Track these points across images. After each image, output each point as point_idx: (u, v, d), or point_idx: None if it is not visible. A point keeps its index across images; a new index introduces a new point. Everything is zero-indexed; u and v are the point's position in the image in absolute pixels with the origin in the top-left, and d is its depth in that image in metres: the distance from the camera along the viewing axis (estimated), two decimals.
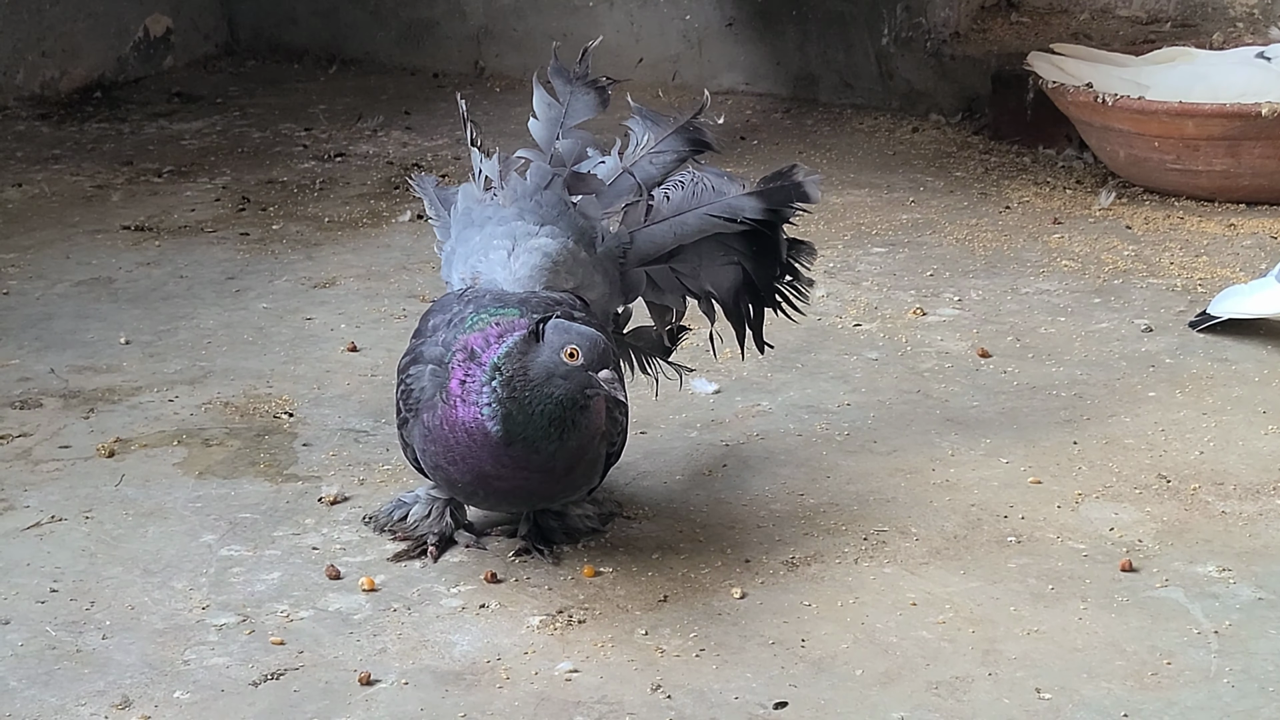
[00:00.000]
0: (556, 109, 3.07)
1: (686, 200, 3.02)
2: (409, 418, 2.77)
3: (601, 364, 2.61)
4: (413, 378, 2.76)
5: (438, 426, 2.69)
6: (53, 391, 3.55)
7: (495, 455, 2.66)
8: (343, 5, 6.30)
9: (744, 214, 3.00)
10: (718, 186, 3.03)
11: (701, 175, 3.06)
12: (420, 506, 2.90)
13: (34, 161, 5.19)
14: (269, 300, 4.04)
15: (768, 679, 2.51)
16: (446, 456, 2.70)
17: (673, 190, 3.04)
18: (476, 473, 2.69)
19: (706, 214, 3.01)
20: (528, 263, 2.91)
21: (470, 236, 3.01)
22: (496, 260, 2.93)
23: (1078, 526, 2.93)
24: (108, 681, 2.53)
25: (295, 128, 5.51)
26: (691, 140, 3.05)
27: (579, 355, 2.60)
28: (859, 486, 3.09)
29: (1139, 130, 4.56)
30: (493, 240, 2.96)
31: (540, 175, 3.00)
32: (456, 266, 3.02)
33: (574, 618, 2.67)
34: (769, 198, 3.02)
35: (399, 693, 2.49)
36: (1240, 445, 3.22)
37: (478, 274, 2.95)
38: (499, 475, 2.69)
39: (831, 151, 5.18)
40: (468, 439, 2.66)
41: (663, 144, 3.04)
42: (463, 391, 2.66)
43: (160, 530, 2.97)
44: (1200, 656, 2.55)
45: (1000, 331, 3.79)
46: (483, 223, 3.01)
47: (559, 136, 3.04)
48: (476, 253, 2.97)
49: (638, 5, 5.87)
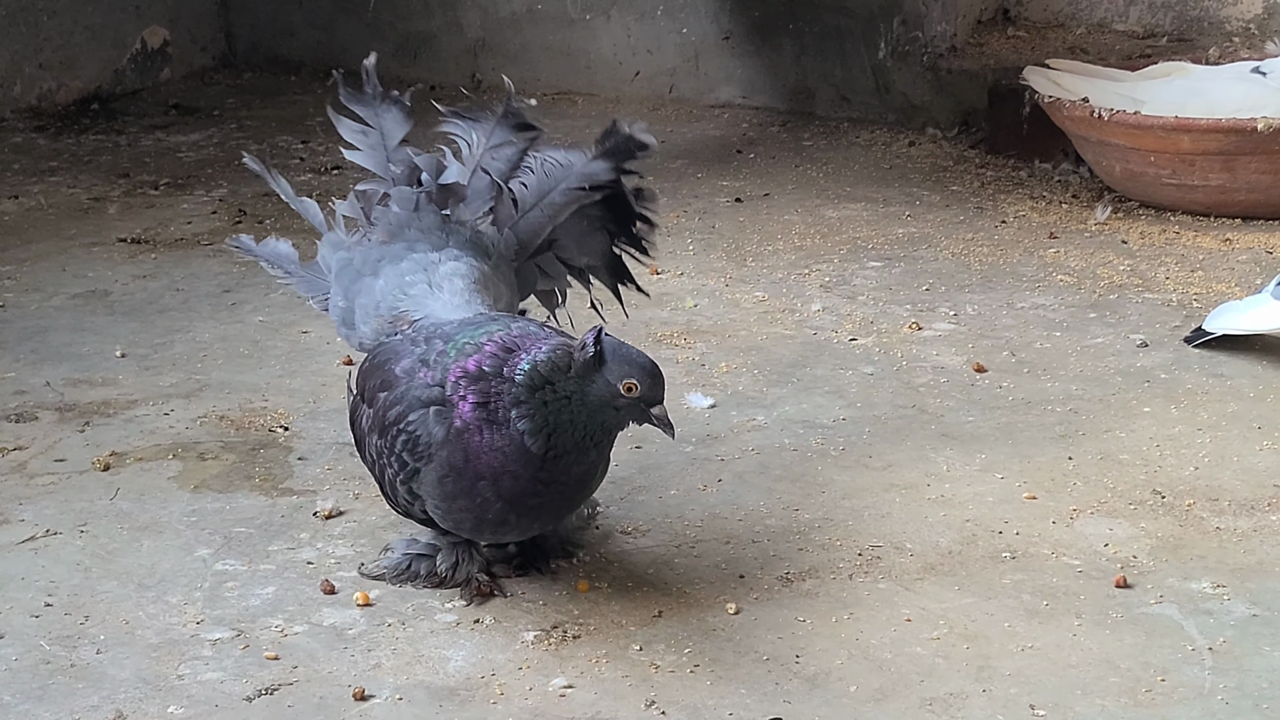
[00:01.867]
0: (373, 134, 3.04)
1: (543, 182, 2.97)
2: (419, 468, 2.63)
3: (657, 399, 2.60)
4: (415, 424, 2.62)
5: (462, 463, 2.60)
6: (48, 404, 3.55)
7: (533, 471, 2.59)
8: (340, 18, 6.31)
9: (599, 178, 2.95)
10: (563, 160, 2.98)
11: (542, 155, 3.00)
12: (445, 555, 2.80)
13: (30, 173, 5.20)
14: (265, 314, 4.04)
15: (762, 695, 2.51)
16: (475, 490, 2.61)
17: (525, 177, 2.98)
18: (512, 495, 2.61)
19: (568, 189, 2.96)
20: (453, 289, 2.84)
21: (369, 284, 2.91)
22: (419, 295, 2.85)
23: (1072, 542, 2.93)
24: (102, 696, 2.53)
25: (292, 140, 5.52)
26: (517, 126, 3.00)
27: (637, 390, 2.57)
28: (854, 502, 3.09)
29: (1135, 145, 4.57)
30: (404, 278, 2.88)
31: (406, 200, 2.94)
32: (365, 317, 2.90)
33: (568, 633, 2.67)
34: (613, 156, 2.95)
35: (393, 708, 2.49)
36: (1235, 461, 3.22)
37: (404, 314, 2.85)
38: (535, 492, 2.62)
39: (828, 165, 5.19)
40: (502, 460, 2.58)
41: (494, 136, 2.99)
42: (485, 414, 2.58)
43: (155, 544, 2.97)
44: (1195, 673, 2.55)
45: (996, 346, 3.79)
46: (375, 266, 2.92)
47: (389, 160, 3.01)
48: (389, 295, 2.87)
49: (635, 18, 5.88)
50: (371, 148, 3.04)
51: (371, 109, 3.05)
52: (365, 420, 2.75)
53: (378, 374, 2.72)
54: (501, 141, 3.00)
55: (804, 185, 5.01)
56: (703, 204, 4.85)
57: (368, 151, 3.05)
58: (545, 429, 2.57)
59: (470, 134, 3.03)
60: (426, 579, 2.80)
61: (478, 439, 2.58)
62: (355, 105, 3.06)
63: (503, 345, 2.63)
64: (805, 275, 4.25)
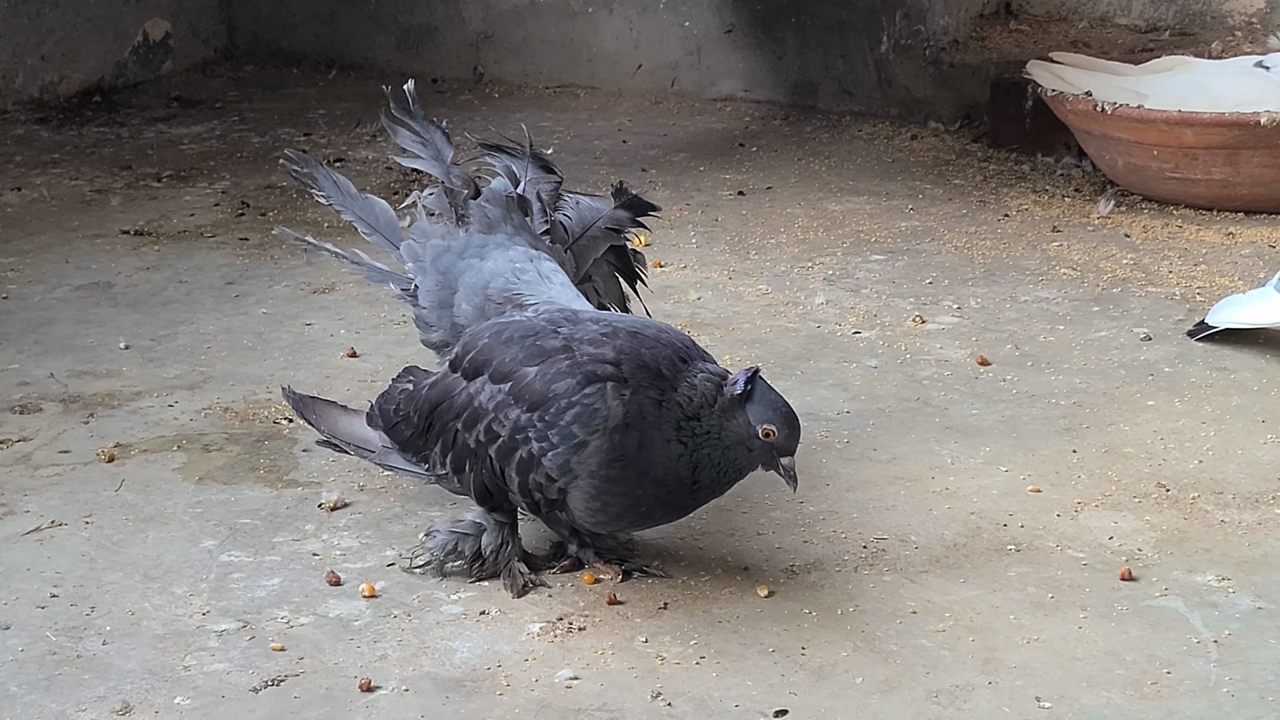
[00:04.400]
0: (430, 147, 3.17)
1: (583, 216, 3.13)
2: (589, 440, 2.61)
3: (791, 450, 2.63)
4: (593, 397, 2.61)
5: (635, 451, 2.60)
6: (52, 396, 3.55)
7: (685, 493, 2.65)
8: (342, 10, 6.30)
9: (624, 224, 3.14)
10: (593, 205, 3.15)
11: (575, 196, 3.17)
12: (490, 536, 2.79)
13: (33, 165, 5.20)
14: (268, 305, 4.05)
15: (768, 687, 2.51)
16: (639, 483, 2.63)
17: (567, 210, 3.13)
18: (667, 498, 2.65)
19: (604, 227, 3.13)
20: (561, 281, 2.94)
21: (476, 265, 2.99)
22: (532, 281, 2.93)
23: (1077, 535, 2.93)
24: (108, 687, 2.53)
25: (294, 132, 5.52)
26: (544, 167, 3.16)
27: (774, 436, 2.61)
28: (858, 494, 3.09)
29: (1138, 139, 4.57)
30: (515, 264, 2.96)
31: (498, 199, 3.06)
32: (469, 295, 2.97)
33: (574, 625, 2.68)
34: (632, 209, 3.13)
35: (399, 699, 2.49)
36: (1239, 454, 3.22)
37: (518, 295, 2.91)
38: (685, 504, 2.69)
39: (830, 159, 5.19)
40: (664, 469, 2.62)
41: (530, 171, 3.13)
42: (659, 413, 2.60)
43: (160, 536, 2.97)
44: (1200, 666, 2.55)
45: (999, 339, 3.79)
46: (480, 251, 3.01)
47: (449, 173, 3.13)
48: (500, 277, 2.95)
49: (637, 11, 5.88)
50: (433, 159, 3.17)
51: (422, 126, 3.19)
52: (487, 396, 2.71)
53: (513, 349, 2.70)
54: (539, 176, 3.13)
55: (806, 178, 5.01)
56: (705, 197, 4.85)
57: (429, 161, 3.17)
58: (693, 459, 2.62)
59: (507, 164, 3.15)
60: (471, 560, 2.79)
61: (655, 433, 2.61)
62: (405, 118, 3.19)
63: (677, 351, 2.66)
64: (808, 268, 4.25)
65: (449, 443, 2.77)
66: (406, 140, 3.19)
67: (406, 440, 2.86)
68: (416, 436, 2.83)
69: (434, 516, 2.95)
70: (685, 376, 2.63)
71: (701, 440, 2.61)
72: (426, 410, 2.80)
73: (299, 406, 3.02)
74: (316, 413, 3.00)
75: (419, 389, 2.85)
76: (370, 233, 3.20)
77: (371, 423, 2.93)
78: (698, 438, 2.61)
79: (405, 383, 2.91)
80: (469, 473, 2.76)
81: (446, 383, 2.79)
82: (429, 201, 3.13)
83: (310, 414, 3.01)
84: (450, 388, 2.78)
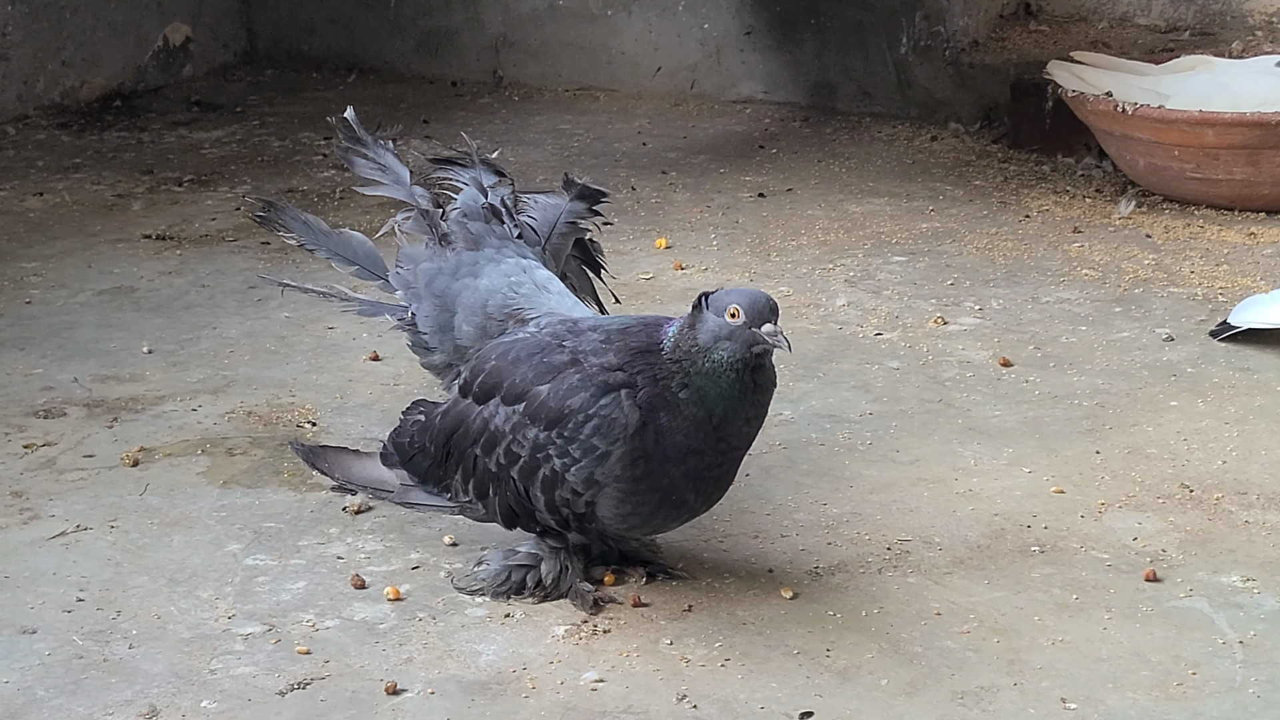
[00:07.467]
0: (390, 171, 3.17)
1: (545, 215, 3.12)
2: (611, 450, 2.61)
3: (763, 318, 2.60)
4: (609, 407, 2.61)
5: (654, 444, 2.61)
6: (76, 401, 3.56)
7: (712, 442, 2.62)
8: (361, 14, 6.31)
9: (581, 217, 3.14)
10: (550, 201, 3.15)
11: (531, 196, 3.17)
12: (549, 563, 2.79)
13: (55, 170, 5.21)
14: (290, 309, 4.05)
15: (793, 689, 2.51)
16: (664, 471, 2.62)
17: (530, 211, 3.12)
18: (697, 471, 2.63)
19: (566, 223, 3.13)
20: (558, 289, 2.94)
21: (471, 284, 2.97)
22: (530, 293, 2.92)
23: (1101, 536, 2.93)
24: (135, 691, 2.54)
25: (315, 136, 5.52)
26: (496, 172, 3.15)
27: (740, 314, 2.58)
28: (882, 496, 3.09)
29: (1159, 139, 4.56)
30: (509, 278, 2.94)
31: (475, 213, 3.05)
32: (468, 316, 2.95)
33: (599, 627, 2.68)
34: (585, 199, 3.13)
35: (425, 702, 2.50)
36: (1263, 455, 3.22)
37: (518, 310, 2.89)
38: (717, 464, 2.65)
39: (850, 160, 5.19)
40: (685, 440, 2.60)
41: (485, 178, 3.11)
42: (659, 390, 2.60)
43: (185, 539, 2.98)
44: (1225, 666, 2.55)
45: (1021, 340, 3.79)
46: (472, 269, 2.99)
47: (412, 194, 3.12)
48: (497, 294, 2.92)
49: (656, 14, 5.88)
50: (394, 183, 3.16)
51: (372, 150, 3.19)
52: (503, 419, 2.70)
53: (521, 368, 2.70)
54: (495, 182, 3.12)
55: (827, 180, 5.01)
56: (726, 199, 4.85)
57: (391, 185, 3.16)
58: (698, 391, 2.59)
59: (464, 175, 3.14)
60: (533, 590, 2.77)
61: (664, 419, 2.61)
62: (359, 148, 3.19)
63: (649, 324, 2.68)
64: (829, 270, 4.25)
65: (469, 469, 2.77)
66: (364, 169, 3.18)
67: (426, 471, 2.85)
68: (435, 466, 2.83)
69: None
70: (664, 332, 2.65)
71: (694, 367, 2.59)
72: (442, 439, 2.80)
73: (309, 458, 3.03)
74: (328, 461, 3.00)
75: (431, 419, 2.84)
76: (349, 267, 3.19)
77: (387, 461, 2.93)
78: (691, 368, 2.60)
79: (416, 415, 2.91)
80: (493, 497, 2.75)
81: (459, 409, 2.79)
82: (407, 226, 3.11)
83: (322, 463, 3.01)
84: (464, 414, 2.77)
